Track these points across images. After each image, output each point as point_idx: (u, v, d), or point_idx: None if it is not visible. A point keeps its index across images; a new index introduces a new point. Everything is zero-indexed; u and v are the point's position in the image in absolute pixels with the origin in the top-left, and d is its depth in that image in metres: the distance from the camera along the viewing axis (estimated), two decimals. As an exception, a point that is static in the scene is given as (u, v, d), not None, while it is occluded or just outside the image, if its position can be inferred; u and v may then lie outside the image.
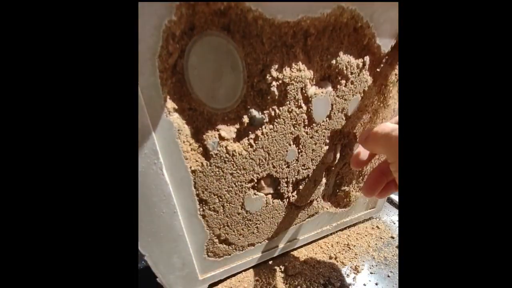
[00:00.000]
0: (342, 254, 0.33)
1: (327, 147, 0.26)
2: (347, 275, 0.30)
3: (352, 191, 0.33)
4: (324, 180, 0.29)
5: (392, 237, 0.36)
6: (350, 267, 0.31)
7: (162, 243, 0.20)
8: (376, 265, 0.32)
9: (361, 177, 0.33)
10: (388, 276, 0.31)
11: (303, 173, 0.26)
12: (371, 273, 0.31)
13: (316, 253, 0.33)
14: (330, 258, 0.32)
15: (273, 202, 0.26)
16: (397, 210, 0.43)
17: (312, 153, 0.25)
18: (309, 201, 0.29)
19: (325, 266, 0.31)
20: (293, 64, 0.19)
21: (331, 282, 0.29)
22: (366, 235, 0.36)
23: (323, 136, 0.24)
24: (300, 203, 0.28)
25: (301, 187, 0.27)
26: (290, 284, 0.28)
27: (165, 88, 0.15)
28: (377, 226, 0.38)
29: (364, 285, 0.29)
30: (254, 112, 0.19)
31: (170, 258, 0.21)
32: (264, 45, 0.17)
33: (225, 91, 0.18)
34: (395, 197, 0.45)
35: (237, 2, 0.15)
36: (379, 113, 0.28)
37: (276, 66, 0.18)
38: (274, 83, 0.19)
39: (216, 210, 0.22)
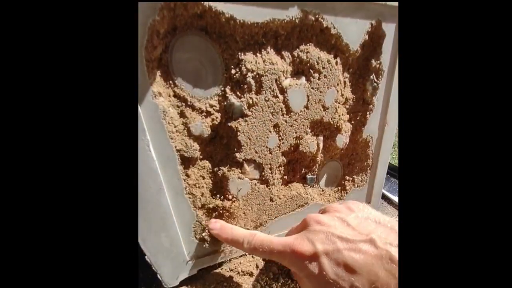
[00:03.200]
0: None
1: (308, 136, 0.28)
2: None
3: (344, 182, 0.34)
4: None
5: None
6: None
7: (149, 219, 0.22)
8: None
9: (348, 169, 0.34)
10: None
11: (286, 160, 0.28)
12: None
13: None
14: None
15: (258, 188, 0.28)
16: (397, 211, 0.42)
17: (294, 141, 0.27)
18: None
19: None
20: (266, 59, 0.22)
21: None
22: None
23: (303, 125, 0.27)
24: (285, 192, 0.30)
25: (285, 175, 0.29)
26: (290, 287, 0.28)
27: (151, 75, 0.18)
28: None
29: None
30: (233, 100, 0.22)
31: (158, 235, 0.23)
32: (238, 43, 0.21)
33: (205, 82, 0.21)
34: (394, 197, 0.45)
35: (211, 6, 0.18)
36: (357, 106, 0.30)
37: (250, 60, 0.21)
38: (249, 74, 0.22)
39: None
